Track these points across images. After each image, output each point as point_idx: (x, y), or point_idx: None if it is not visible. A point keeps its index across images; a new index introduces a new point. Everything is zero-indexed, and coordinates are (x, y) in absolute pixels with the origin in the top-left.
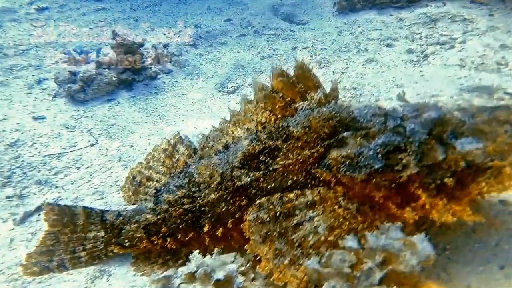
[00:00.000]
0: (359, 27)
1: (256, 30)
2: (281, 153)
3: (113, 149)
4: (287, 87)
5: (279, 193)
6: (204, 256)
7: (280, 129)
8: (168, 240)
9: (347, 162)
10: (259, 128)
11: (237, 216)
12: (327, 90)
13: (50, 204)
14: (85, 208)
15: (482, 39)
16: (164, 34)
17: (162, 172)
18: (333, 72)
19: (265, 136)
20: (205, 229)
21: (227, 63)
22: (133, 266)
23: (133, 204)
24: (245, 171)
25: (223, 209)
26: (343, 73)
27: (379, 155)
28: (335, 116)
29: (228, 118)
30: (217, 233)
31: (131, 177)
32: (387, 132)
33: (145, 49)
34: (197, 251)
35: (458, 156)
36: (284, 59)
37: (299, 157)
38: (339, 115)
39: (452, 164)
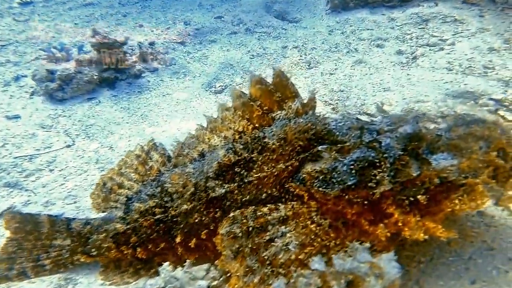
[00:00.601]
0: (350, 26)
1: (248, 28)
2: (256, 165)
3: (90, 150)
4: (265, 95)
5: (253, 207)
6: (176, 267)
7: (256, 140)
8: (138, 250)
9: (321, 177)
10: (236, 137)
11: (211, 227)
12: (305, 100)
13: (11, 212)
14: (49, 216)
15: (471, 41)
16: (152, 31)
17: (134, 179)
18: (321, 73)
19: (241, 146)
20: (178, 240)
21: (216, 62)
22: (102, 275)
23: (103, 211)
24: (220, 182)
25: (196, 220)
26: (331, 74)
27: (353, 171)
28: (311, 128)
29: (205, 124)
30: (190, 244)
31: (102, 184)
32: (362, 146)
33: (130, 46)
34: (167, 263)
35: (432, 173)
36: (274, 59)
37: (273, 170)
38: (315, 127)
39: (426, 181)
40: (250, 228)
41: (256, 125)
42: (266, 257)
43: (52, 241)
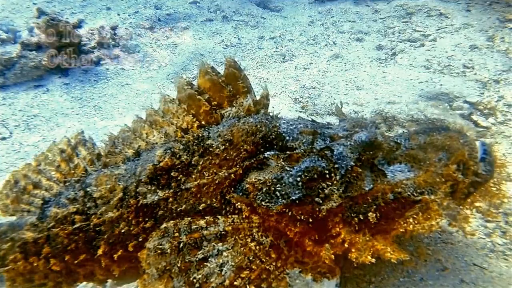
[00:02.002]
0: (332, 17)
1: (225, 16)
2: (196, 171)
3: (29, 144)
4: (214, 88)
5: (189, 219)
6: (103, 281)
7: (199, 140)
8: (53, 261)
9: (265, 189)
10: (179, 135)
11: (140, 239)
12: (258, 96)
13: None
14: None
15: (454, 37)
16: (119, 15)
17: (55, 179)
18: (295, 67)
19: (181, 147)
20: (100, 251)
21: (185, 51)
22: None
23: (11, 215)
24: (153, 188)
25: (123, 230)
26: (305, 69)
27: (300, 184)
28: (260, 130)
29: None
30: (115, 257)
31: (13, 181)
32: (312, 155)
33: (91, 30)
34: (84, 283)
35: (386, 187)
36: (248, 50)
37: (215, 178)
38: (264, 129)
39: (378, 196)
40: (182, 244)
41: (203, 122)
42: (195, 280)
43: None
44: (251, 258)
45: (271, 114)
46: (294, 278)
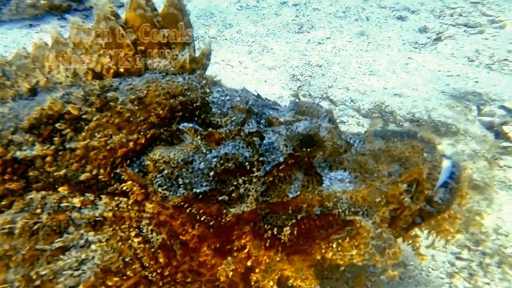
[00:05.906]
0: None
1: None
2: (87, 128)
3: None
4: (145, 29)
5: (65, 192)
6: None
7: (103, 90)
8: None
9: (167, 171)
10: (89, 78)
11: (4, 202)
12: (197, 53)
13: None
14: None
15: None
16: None
17: None
18: (308, 40)
19: (81, 94)
20: None
21: (196, 7)
22: None
23: None
24: (32, 139)
25: None
26: (319, 43)
27: (211, 174)
28: (184, 94)
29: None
30: None
31: None
32: (238, 138)
33: None
34: None
35: (315, 198)
36: (264, 14)
37: (108, 142)
38: (190, 94)
39: (302, 208)
40: (38, 225)
41: (121, 69)
42: (38, 275)
43: None
44: (127, 260)
45: (209, 77)
46: None
